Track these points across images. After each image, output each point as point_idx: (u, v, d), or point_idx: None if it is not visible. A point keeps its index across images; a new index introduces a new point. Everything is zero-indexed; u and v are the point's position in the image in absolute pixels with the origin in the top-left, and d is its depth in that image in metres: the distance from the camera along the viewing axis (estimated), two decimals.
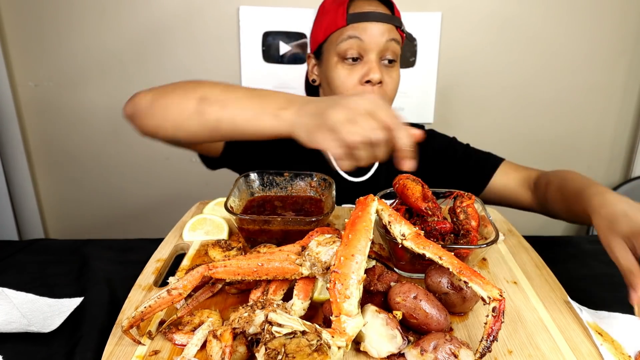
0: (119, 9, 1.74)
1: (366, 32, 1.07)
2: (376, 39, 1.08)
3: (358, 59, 1.10)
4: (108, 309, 0.77)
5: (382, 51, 1.09)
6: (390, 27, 1.10)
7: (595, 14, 1.78)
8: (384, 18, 1.09)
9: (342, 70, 1.10)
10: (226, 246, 0.87)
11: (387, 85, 1.11)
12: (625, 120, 1.94)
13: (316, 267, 0.65)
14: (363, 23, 1.08)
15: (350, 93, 1.11)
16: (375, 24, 1.08)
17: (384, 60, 1.11)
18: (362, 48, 1.08)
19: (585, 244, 1.11)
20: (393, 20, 1.10)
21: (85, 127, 1.90)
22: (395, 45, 1.11)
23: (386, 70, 1.11)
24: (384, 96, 1.12)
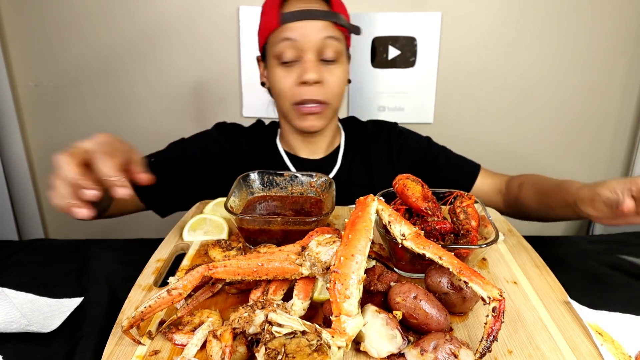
0: (119, 10, 1.74)
1: (299, 32, 1.05)
2: (310, 38, 1.05)
3: (295, 60, 1.08)
4: (108, 309, 0.77)
5: (319, 50, 1.07)
6: (326, 25, 1.06)
7: (595, 14, 1.78)
8: (317, 15, 1.05)
9: (280, 72, 1.09)
10: (226, 246, 0.87)
11: (329, 83, 1.09)
12: (625, 120, 1.94)
13: (316, 267, 0.65)
14: (295, 22, 1.05)
15: (288, 95, 1.11)
16: (307, 22, 1.05)
17: (323, 59, 1.08)
18: (298, 48, 1.06)
19: (585, 244, 1.11)
20: (328, 16, 1.06)
21: (85, 127, 1.90)
22: (334, 42, 1.07)
23: (327, 69, 1.08)
24: (326, 95, 1.10)
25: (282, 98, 1.13)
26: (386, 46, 1.80)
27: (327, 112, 1.14)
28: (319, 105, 1.10)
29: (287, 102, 1.13)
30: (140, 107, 1.88)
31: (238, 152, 1.26)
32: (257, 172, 1.01)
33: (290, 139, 1.26)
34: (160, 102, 1.87)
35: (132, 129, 1.90)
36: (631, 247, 1.08)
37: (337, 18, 1.07)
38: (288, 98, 1.11)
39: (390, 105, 1.88)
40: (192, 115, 1.88)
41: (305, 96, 1.09)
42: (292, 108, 1.13)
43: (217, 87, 1.85)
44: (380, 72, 1.83)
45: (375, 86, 1.85)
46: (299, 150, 1.26)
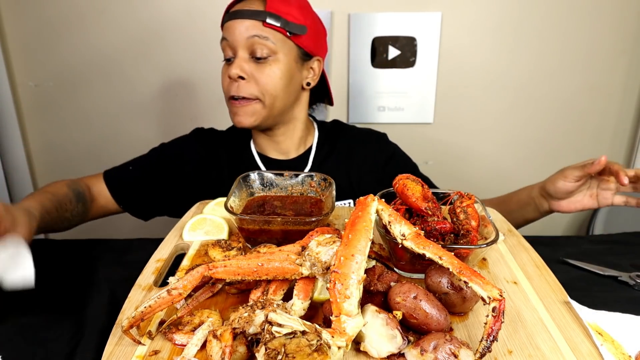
0: (119, 10, 1.74)
1: (229, 32, 1.11)
2: (238, 37, 1.10)
3: (232, 58, 1.13)
4: (108, 309, 0.77)
5: (249, 48, 1.10)
6: (253, 23, 1.09)
7: (595, 14, 1.78)
8: (245, 14, 1.09)
9: (223, 68, 1.17)
10: (226, 246, 0.87)
11: (259, 81, 1.12)
12: (625, 120, 1.94)
13: (316, 267, 0.65)
14: (228, 22, 1.11)
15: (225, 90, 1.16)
16: (237, 21, 1.10)
17: (254, 57, 1.11)
18: (231, 47, 1.12)
19: (585, 244, 1.11)
20: (256, 15, 1.09)
21: (85, 127, 1.90)
22: (262, 41, 1.09)
23: (257, 66, 1.11)
24: (254, 92, 1.12)
25: (224, 93, 1.18)
26: (386, 46, 1.80)
27: (258, 108, 1.15)
28: (245, 100, 1.13)
29: (225, 97, 1.18)
30: (140, 107, 1.88)
31: (213, 156, 1.29)
32: (257, 172, 1.01)
33: (258, 140, 1.29)
34: (160, 102, 1.87)
35: (131, 129, 1.90)
36: (631, 247, 1.08)
37: (265, 17, 1.09)
38: (225, 94, 1.17)
39: (390, 105, 1.88)
40: (191, 115, 1.88)
41: (232, 92, 1.13)
42: (228, 102, 1.18)
43: (216, 87, 1.84)
44: (380, 72, 1.83)
45: (375, 86, 1.85)
46: (269, 151, 1.29)
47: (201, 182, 1.26)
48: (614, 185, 1.08)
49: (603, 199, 1.09)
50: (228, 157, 1.29)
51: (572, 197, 1.11)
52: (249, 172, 1.01)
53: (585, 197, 1.11)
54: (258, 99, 1.14)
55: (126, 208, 1.26)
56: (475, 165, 1.99)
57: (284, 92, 1.15)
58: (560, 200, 1.12)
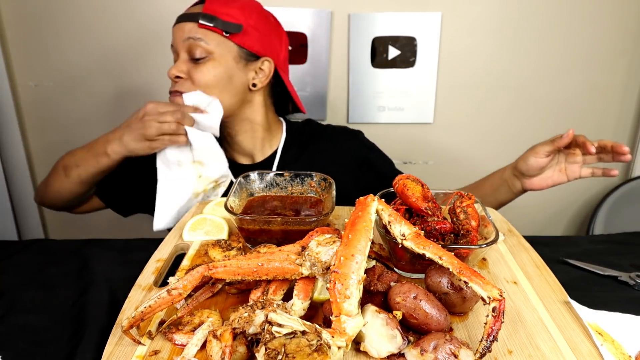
0: (119, 9, 1.74)
1: (173, 35, 1.18)
2: (177, 41, 1.17)
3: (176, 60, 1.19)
4: (108, 309, 0.77)
5: (187, 50, 1.15)
6: (190, 26, 1.13)
7: (595, 14, 1.78)
8: (184, 18, 1.15)
9: None
10: (226, 246, 0.87)
11: (195, 80, 1.15)
12: (625, 120, 1.94)
13: (316, 267, 0.65)
14: (173, 27, 1.18)
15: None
16: (178, 25, 1.16)
17: (193, 57, 1.15)
18: (175, 50, 1.19)
19: (585, 244, 1.11)
20: (192, 17, 1.13)
21: (85, 127, 1.90)
22: (196, 42, 1.13)
23: (194, 66, 1.15)
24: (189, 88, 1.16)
25: None
26: (386, 46, 1.80)
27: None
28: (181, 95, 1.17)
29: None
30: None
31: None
32: (257, 172, 1.01)
33: (224, 144, 1.29)
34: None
35: None
36: (631, 247, 1.08)
37: (197, 18, 1.13)
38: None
39: (390, 105, 1.88)
40: None
41: (170, 88, 1.20)
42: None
43: None
44: (380, 72, 1.83)
45: (375, 86, 1.85)
46: (236, 155, 1.31)
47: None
48: (580, 157, 1.13)
49: (571, 172, 1.13)
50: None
51: (543, 173, 1.14)
52: (249, 172, 1.01)
53: (555, 173, 1.14)
54: None
55: (107, 202, 1.31)
56: (475, 165, 1.99)
57: (222, 92, 1.17)
58: (532, 178, 1.16)
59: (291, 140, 1.32)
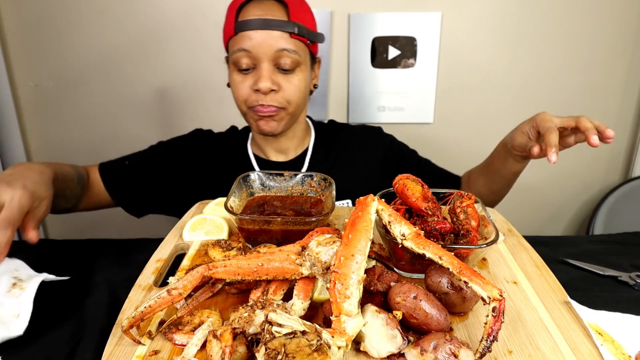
0: (119, 10, 1.74)
1: (252, 43, 1.04)
2: (264, 49, 1.04)
3: (251, 68, 1.08)
4: (108, 309, 0.77)
5: (274, 59, 1.06)
6: (280, 36, 1.04)
7: (595, 14, 1.78)
8: (272, 25, 1.03)
9: (237, 77, 1.11)
10: (226, 246, 0.87)
11: (286, 91, 1.10)
12: (625, 120, 1.94)
13: (316, 267, 0.65)
14: (249, 32, 1.03)
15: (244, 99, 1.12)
16: (260, 32, 1.03)
17: (280, 67, 1.07)
18: (252, 58, 1.06)
19: (585, 244, 1.11)
20: (283, 26, 1.04)
21: (85, 127, 1.90)
22: (290, 54, 1.06)
23: (283, 76, 1.09)
24: (282, 102, 1.11)
25: (240, 103, 1.15)
26: (386, 46, 1.80)
27: (283, 115, 1.15)
28: (271, 109, 1.12)
29: (244, 107, 1.15)
30: (140, 107, 1.88)
31: (209, 157, 1.29)
32: (257, 172, 1.01)
33: (258, 141, 1.29)
34: (160, 102, 1.87)
35: (131, 129, 1.90)
36: (631, 247, 1.08)
37: (294, 28, 1.05)
38: (245, 103, 1.14)
39: (390, 105, 1.88)
40: (191, 115, 1.88)
41: (260, 102, 1.11)
42: (248, 111, 1.15)
43: (216, 87, 1.85)
44: (380, 72, 1.83)
45: (375, 86, 1.85)
46: (268, 152, 1.29)
47: (195, 183, 1.26)
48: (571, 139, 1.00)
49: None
50: (224, 158, 1.29)
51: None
52: (248, 172, 1.01)
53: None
54: (283, 108, 1.13)
55: (119, 202, 1.25)
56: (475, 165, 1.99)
57: (303, 100, 1.16)
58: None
59: (320, 139, 1.33)
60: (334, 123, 1.43)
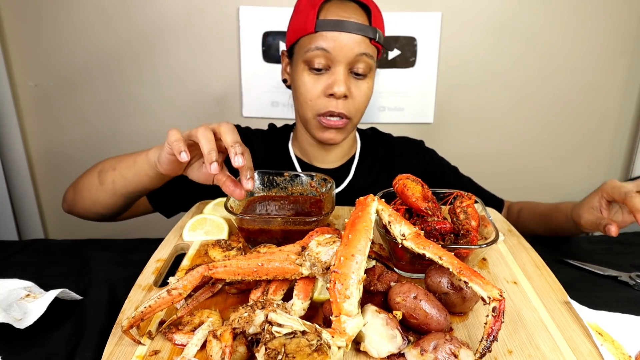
0: (119, 9, 1.74)
1: (334, 44, 1.02)
2: (345, 52, 1.02)
3: (324, 69, 1.06)
4: (108, 309, 0.77)
5: (351, 63, 1.04)
6: (362, 40, 1.03)
7: (595, 14, 1.78)
8: (355, 29, 1.02)
9: (308, 78, 1.07)
10: (226, 246, 0.87)
11: (355, 98, 1.08)
12: (625, 120, 1.94)
13: (316, 267, 0.65)
14: (331, 32, 1.01)
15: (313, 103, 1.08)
16: (344, 34, 1.01)
17: (353, 72, 1.06)
18: (330, 59, 1.04)
19: (585, 244, 1.11)
20: (366, 31, 1.03)
21: (85, 127, 1.90)
22: (367, 59, 1.05)
23: (354, 82, 1.07)
24: (350, 109, 1.08)
25: (306, 106, 1.10)
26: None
27: (349, 128, 1.13)
28: (342, 120, 1.09)
29: (310, 111, 1.10)
30: (140, 107, 1.88)
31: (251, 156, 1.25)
32: (257, 172, 1.01)
33: (305, 146, 1.24)
34: (160, 102, 1.87)
35: (131, 129, 1.90)
36: (631, 247, 1.08)
37: (374, 34, 1.04)
38: (312, 107, 1.09)
39: (390, 105, 1.88)
40: (192, 115, 1.88)
41: (331, 108, 1.07)
42: (314, 118, 1.11)
43: (217, 87, 1.85)
44: (380, 72, 1.83)
45: (375, 86, 1.85)
46: (313, 158, 1.25)
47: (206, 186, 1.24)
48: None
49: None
50: (265, 159, 1.25)
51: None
52: None
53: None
54: (350, 119, 1.10)
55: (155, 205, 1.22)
56: (476, 165, 1.99)
57: (366, 108, 1.14)
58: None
59: (365, 149, 1.30)
60: (376, 132, 1.38)
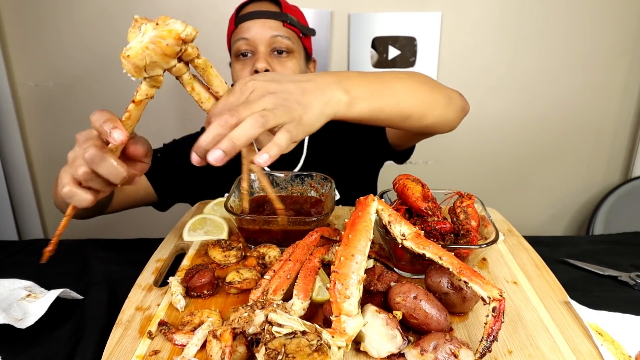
0: (119, 10, 1.74)
1: (250, 31, 1.15)
2: (260, 36, 1.14)
3: (249, 54, 1.17)
4: (108, 309, 0.77)
5: (269, 44, 1.15)
6: (274, 24, 1.15)
7: (595, 14, 1.78)
8: (267, 15, 1.15)
9: (237, 65, 1.18)
10: (226, 246, 0.87)
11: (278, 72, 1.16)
12: (625, 121, 1.94)
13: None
14: (246, 23, 1.16)
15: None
16: (256, 21, 1.15)
17: (276, 52, 1.16)
18: (250, 44, 1.16)
19: (585, 244, 1.11)
20: (276, 16, 1.15)
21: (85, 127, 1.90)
22: (283, 40, 1.15)
23: (278, 60, 1.16)
24: None
25: None
26: (386, 46, 1.80)
27: None
28: None
29: None
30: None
31: None
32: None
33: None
34: (160, 102, 1.87)
35: None
36: (631, 247, 1.08)
37: (286, 18, 1.16)
38: None
39: None
40: (191, 115, 1.88)
41: None
42: None
43: None
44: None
45: None
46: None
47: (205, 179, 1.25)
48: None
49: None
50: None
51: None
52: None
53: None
54: None
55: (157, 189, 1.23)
56: (476, 165, 1.99)
57: None
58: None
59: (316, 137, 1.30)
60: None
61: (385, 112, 0.80)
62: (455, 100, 1.01)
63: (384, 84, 0.81)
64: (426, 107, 0.89)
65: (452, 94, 1.02)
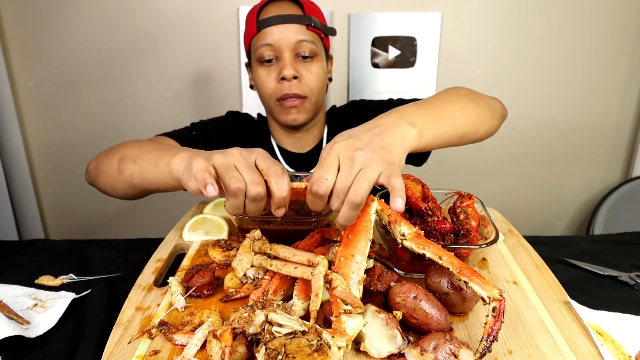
0: (119, 9, 1.74)
1: (274, 36, 1.14)
2: (285, 41, 1.14)
3: (274, 60, 1.16)
4: (108, 309, 0.77)
5: (294, 50, 1.14)
6: (299, 28, 1.14)
7: (595, 14, 1.78)
8: (289, 19, 1.14)
9: (262, 71, 1.18)
10: (226, 246, 0.87)
11: (306, 78, 1.16)
12: (625, 121, 1.94)
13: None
14: (270, 28, 1.14)
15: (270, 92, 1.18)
16: (280, 26, 1.13)
17: (301, 57, 1.16)
18: (275, 50, 1.15)
19: (585, 244, 1.11)
20: (300, 20, 1.15)
21: (85, 127, 1.90)
22: (308, 44, 1.15)
23: (303, 65, 1.16)
24: (304, 89, 1.17)
25: (266, 95, 1.20)
26: (386, 46, 1.80)
27: (307, 106, 1.20)
28: (298, 99, 1.17)
29: (270, 99, 1.20)
30: (140, 107, 1.88)
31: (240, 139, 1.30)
32: None
33: (278, 135, 1.32)
34: (160, 102, 1.87)
35: (131, 129, 1.90)
36: (631, 247, 1.08)
37: (309, 21, 1.15)
38: (271, 95, 1.19)
39: None
40: (191, 115, 1.88)
41: (285, 91, 1.16)
42: (275, 104, 1.20)
43: (217, 87, 1.85)
44: (380, 72, 1.83)
45: (375, 86, 1.85)
46: (289, 145, 1.32)
47: None
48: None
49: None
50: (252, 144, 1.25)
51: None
52: None
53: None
54: (306, 97, 1.18)
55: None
56: (476, 165, 1.99)
57: (322, 89, 1.22)
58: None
59: (334, 127, 1.34)
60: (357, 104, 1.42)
61: (447, 136, 0.84)
62: (497, 109, 1.08)
63: (438, 110, 0.84)
64: (477, 122, 0.94)
65: (494, 103, 1.07)
